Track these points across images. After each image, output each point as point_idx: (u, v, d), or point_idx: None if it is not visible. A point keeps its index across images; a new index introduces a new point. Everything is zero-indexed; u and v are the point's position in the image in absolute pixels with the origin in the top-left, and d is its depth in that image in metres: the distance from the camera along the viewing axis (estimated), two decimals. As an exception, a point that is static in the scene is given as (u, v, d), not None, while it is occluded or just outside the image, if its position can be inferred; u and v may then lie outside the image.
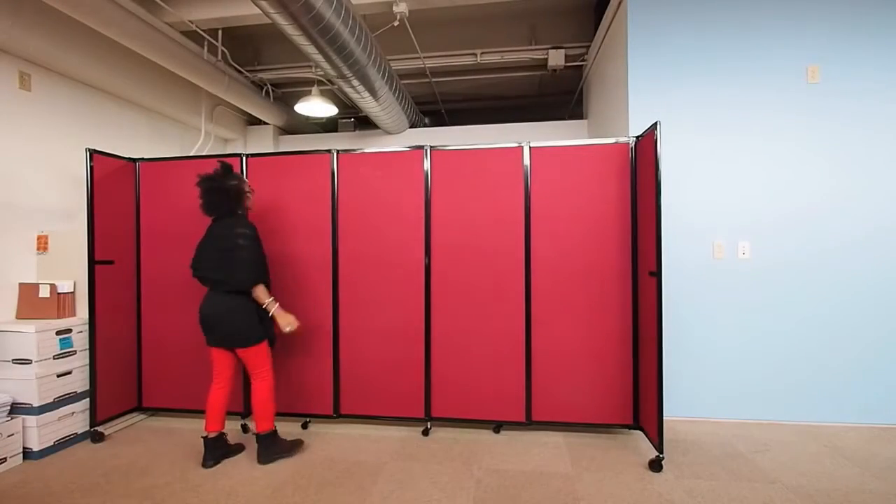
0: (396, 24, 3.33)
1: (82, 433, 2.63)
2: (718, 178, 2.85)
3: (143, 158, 2.97)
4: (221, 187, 2.29)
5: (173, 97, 3.93)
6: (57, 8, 2.52)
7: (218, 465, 2.31)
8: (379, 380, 2.76)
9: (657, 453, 2.23)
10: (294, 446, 2.43)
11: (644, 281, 2.46)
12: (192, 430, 2.80)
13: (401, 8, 3.21)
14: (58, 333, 2.55)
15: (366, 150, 2.81)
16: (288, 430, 2.77)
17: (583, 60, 4.25)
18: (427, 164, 2.71)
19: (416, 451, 2.47)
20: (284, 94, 5.13)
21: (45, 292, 2.65)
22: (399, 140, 4.90)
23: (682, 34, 2.89)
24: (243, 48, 4.46)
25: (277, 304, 2.31)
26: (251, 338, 2.26)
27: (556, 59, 4.13)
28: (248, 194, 2.39)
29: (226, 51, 3.92)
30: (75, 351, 2.64)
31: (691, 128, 2.87)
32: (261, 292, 2.26)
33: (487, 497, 2.01)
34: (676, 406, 2.84)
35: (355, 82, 3.43)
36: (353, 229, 2.78)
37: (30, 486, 2.13)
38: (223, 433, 2.39)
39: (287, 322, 2.31)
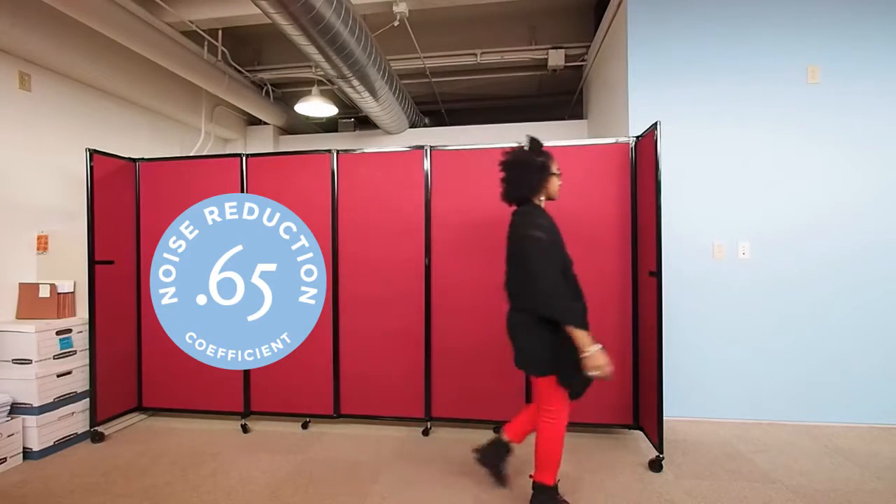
0: (396, 24, 3.33)
1: (82, 433, 2.63)
2: (718, 178, 2.85)
3: (143, 158, 2.97)
4: (520, 162, 1.84)
5: (173, 97, 3.93)
6: (57, 8, 2.51)
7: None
8: (379, 379, 2.76)
9: (657, 453, 2.23)
10: None
11: (644, 281, 2.46)
12: (192, 430, 2.80)
13: (401, 8, 3.21)
14: (58, 333, 2.55)
15: (366, 150, 2.81)
16: (288, 429, 2.77)
17: (583, 60, 4.25)
18: (427, 164, 2.71)
19: (416, 451, 2.47)
20: (284, 94, 5.13)
21: (45, 292, 2.65)
22: (399, 140, 4.90)
23: (683, 34, 2.89)
24: (243, 48, 4.46)
25: (599, 347, 1.67)
26: (540, 365, 1.76)
27: (556, 59, 4.13)
28: (555, 177, 1.86)
29: (226, 51, 3.92)
30: (75, 351, 2.64)
31: (692, 128, 2.87)
32: (576, 333, 1.66)
33: (487, 497, 2.01)
34: (676, 406, 2.84)
35: (355, 82, 3.43)
36: (353, 229, 2.78)
37: (30, 486, 2.13)
38: (508, 444, 2.04)
39: (597, 365, 1.65)
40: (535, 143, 1.87)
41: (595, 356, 1.65)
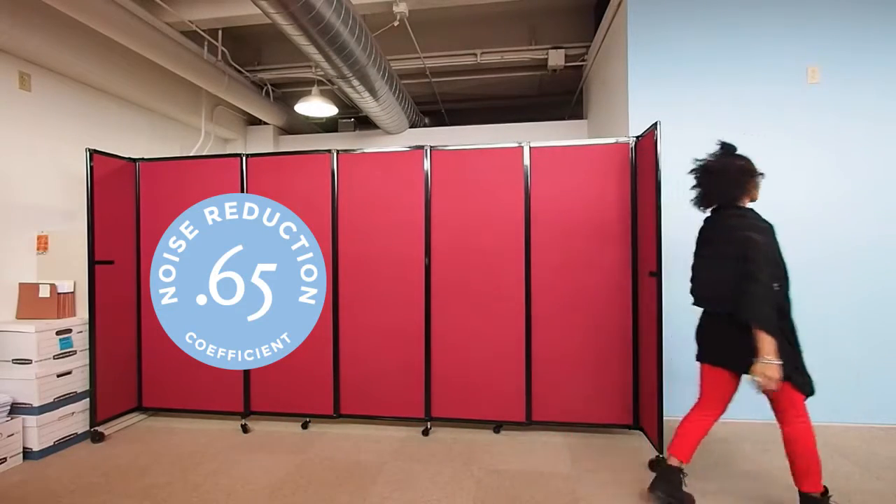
0: (396, 24, 3.33)
1: (82, 433, 2.63)
2: (718, 178, 2.85)
3: (143, 158, 2.97)
4: (718, 167, 1.80)
5: (173, 97, 3.93)
6: (57, 8, 2.51)
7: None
8: (379, 379, 2.76)
9: (657, 453, 2.24)
10: None
11: (644, 281, 2.46)
12: (192, 430, 2.80)
13: (401, 8, 3.21)
14: (58, 333, 2.55)
15: (366, 150, 2.81)
16: (288, 429, 2.78)
17: (583, 60, 4.25)
18: (427, 164, 2.71)
19: (416, 451, 2.47)
20: (284, 94, 5.13)
21: (45, 292, 2.65)
22: (399, 140, 4.90)
23: (683, 34, 2.89)
24: (243, 48, 4.47)
25: (779, 362, 1.61)
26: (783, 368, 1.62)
27: (556, 59, 4.13)
28: (758, 179, 1.82)
29: (226, 51, 3.92)
30: (75, 351, 2.64)
31: (692, 128, 2.86)
32: (764, 337, 1.61)
33: (487, 497, 2.01)
34: (676, 406, 2.81)
35: (355, 82, 3.43)
36: (352, 229, 2.78)
37: (30, 486, 2.13)
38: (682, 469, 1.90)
39: (768, 376, 1.62)
40: (728, 146, 1.85)
41: (772, 367, 1.61)
